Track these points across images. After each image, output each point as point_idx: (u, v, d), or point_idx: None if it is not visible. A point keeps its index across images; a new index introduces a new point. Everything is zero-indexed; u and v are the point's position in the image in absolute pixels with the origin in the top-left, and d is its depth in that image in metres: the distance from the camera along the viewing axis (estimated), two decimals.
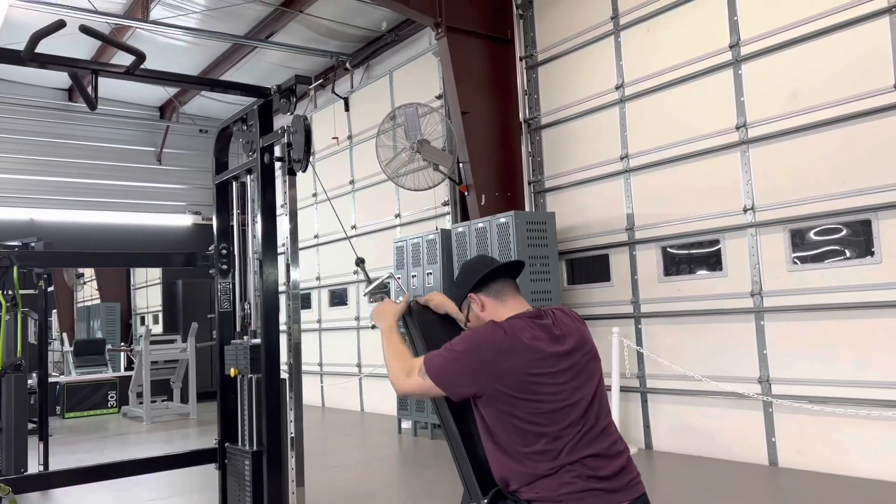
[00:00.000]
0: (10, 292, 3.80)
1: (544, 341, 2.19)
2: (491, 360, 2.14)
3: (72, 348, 13.73)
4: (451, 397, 2.24)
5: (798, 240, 5.52)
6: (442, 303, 2.69)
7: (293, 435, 3.49)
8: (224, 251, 4.21)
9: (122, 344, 15.06)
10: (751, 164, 5.77)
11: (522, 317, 2.28)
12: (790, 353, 5.52)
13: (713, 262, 6.09)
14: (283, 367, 3.64)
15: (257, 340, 3.75)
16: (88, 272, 17.17)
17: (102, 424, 10.23)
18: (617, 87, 6.78)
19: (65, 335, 14.89)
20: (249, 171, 3.95)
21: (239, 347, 3.84)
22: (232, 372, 3.86)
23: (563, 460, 2.07)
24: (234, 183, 4.20)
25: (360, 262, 3.17)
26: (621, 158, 6.74)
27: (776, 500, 4.93)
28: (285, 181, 3.46)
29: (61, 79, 11.84)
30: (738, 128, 5.84)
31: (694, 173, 6.18)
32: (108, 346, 14.02)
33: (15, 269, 3.46)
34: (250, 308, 3.93)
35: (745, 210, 5.78)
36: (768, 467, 5.55)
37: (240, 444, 3.97)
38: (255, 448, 3.78)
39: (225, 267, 4.21)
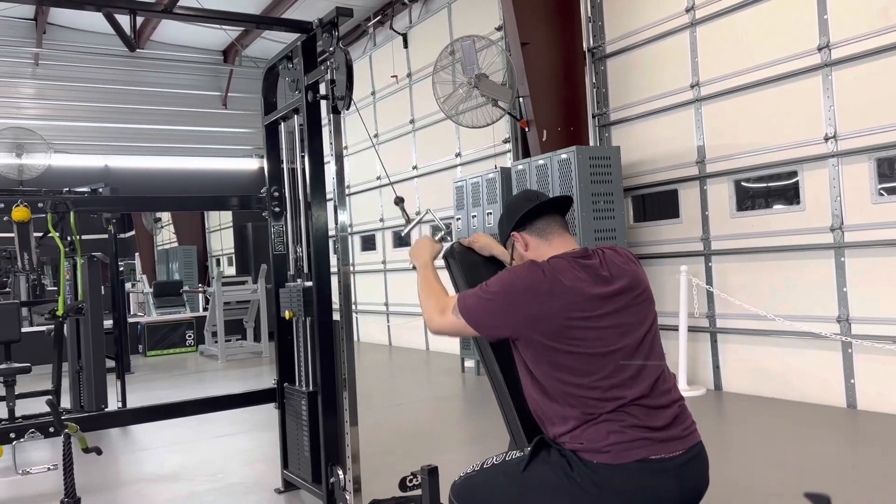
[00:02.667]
0: (69, 238, 3.89)
1: (587, 282, 2.01)
2: (526, 303, 1.99)
3: (152, 290, 14.33)
4: (485, 338, 2.16)
5: (886, 169, 5.10)
6: (486, 244, 2.57)
7: (345, 376, 3.48)
8: (276, 194, 4.17)
9: (200, 285, 15.62)
10: (833, 89, 5.33)
11: (567, 256, 2.09)
12: (872, 291, 5.18)
13: (790, 195, 5.72)
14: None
15: (310, 283, 3.73)
16: (165, 216, 17.76)
17: (181, 362, 10.68)
18: (687, 10, 6.34)
19: (145, 277, 15.53)
20: (297, 111, 3.87)
21: (293, 291, 3.83)
22: (287, 314, 3.87)
23: (609, 408, 1.94)
24: (282, 124, 4.14)
25: (399, 201, 3.06)
26: (692, 87, 6.35)
27: (855, 443, 4.70)
28: (329, 120, 3.35)
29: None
30: (820, 49, 5.38)
31: (770, 100, 5.76)
32: (186, 288, 14.55)
33: (72, 214, 3.51)
34: (303, 251, 3.90)
35: (827, 139, 5.37)
36: (846, 410, 5.29)
37: (297, 384, 4.02)
38: (310, 389, 3.81)
39: (277, 210, 4.18)
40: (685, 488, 1.97)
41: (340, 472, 3.52)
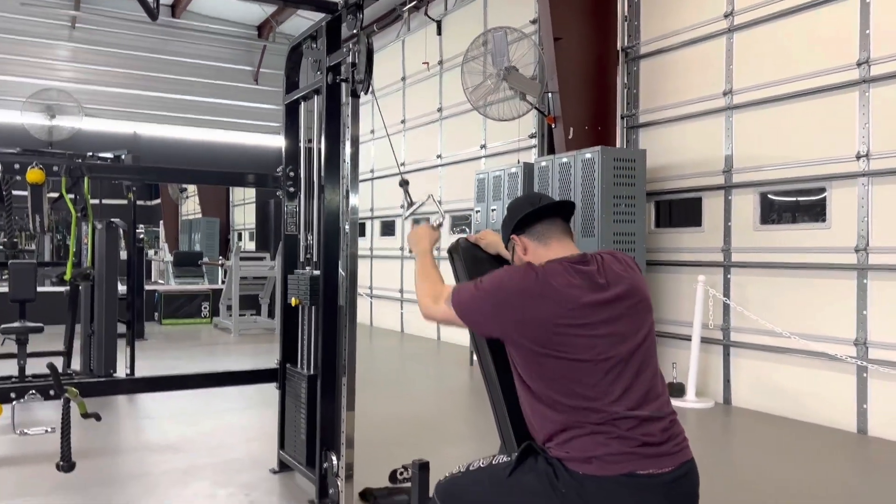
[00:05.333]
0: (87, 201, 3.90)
1: (580, 289, 1.96)
2: (516, 306, 1.96)
3: (172, 259, 14.47)
4: (474, 332, 2.23)
5: None
6: (493, 242, 2.53)
7: (346, 361, 3.45)
8: (291, 174, 4.15)
9: (220, 258, 15.74)
10: (870, 106, 5.18)
11: (563, 261, 2.04)
12: (894, 316, 5.05)
13: (816, 211, 5.59)
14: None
15: (318, 272, 3.71)
16: (192, 187, 17.88)
17: (194, 333, 10.77)
18: (726, 15, 6.20)
19: (167, 245, 15.67)
20: (317, 92, 3.84)
21: (301, 278, 3.82)
22: (293, 301, 3.86)
23: (597, 419, 1.89)
24: (303, 104, 4.11)
25: (403, 183, 3.03)
26: (724, 94, 6.22)
27: (863, 468, 4.60)
28: (348, 103, 3.31)
29: None
30: (859, 64, 5.23)
31: (803, 114, 5.63)
32: (205, 259, 14.67)
33: (86, 180, 3.51)
34: (313, 238, 3.87)
35: (859, 157, 5.23)
36: (856, 435, 5.18)
37: (298, 366, 4.01)
38: (311, 371, 3.80)
39: (292, 190, 4.16)
40: None
41: (334, 458, 3.51)
